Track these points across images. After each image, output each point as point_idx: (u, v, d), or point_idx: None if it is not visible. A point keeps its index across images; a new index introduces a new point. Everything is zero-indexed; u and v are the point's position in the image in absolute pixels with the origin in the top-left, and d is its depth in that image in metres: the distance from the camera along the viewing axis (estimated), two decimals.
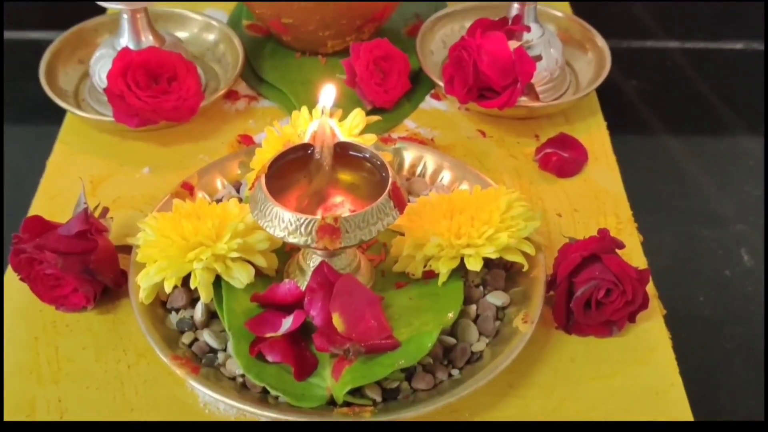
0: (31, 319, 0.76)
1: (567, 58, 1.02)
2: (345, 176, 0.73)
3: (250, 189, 0.73)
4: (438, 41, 1.05)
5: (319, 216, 0.66)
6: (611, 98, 1.02)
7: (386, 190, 0.68)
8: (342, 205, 0.71)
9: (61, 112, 0.96)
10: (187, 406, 0.70)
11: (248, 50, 1.02)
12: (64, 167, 0.91)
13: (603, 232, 0.75)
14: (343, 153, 0.73)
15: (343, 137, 0.73)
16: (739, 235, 1.10)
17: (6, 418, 0.69)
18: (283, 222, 0.67)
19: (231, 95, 0.99)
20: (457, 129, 0.96)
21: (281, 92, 0.98)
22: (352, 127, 0.80)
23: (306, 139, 0.73)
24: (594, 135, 0.96)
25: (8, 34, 1.36)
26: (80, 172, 0.88)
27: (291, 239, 0.67)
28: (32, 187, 0.89)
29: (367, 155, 0.72)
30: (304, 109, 0.81)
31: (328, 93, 0.74)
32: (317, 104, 0.76)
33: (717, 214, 1.13)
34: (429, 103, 1.00)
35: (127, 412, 0.69)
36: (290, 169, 0.72)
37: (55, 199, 0.87)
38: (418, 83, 1.01)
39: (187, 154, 0.92)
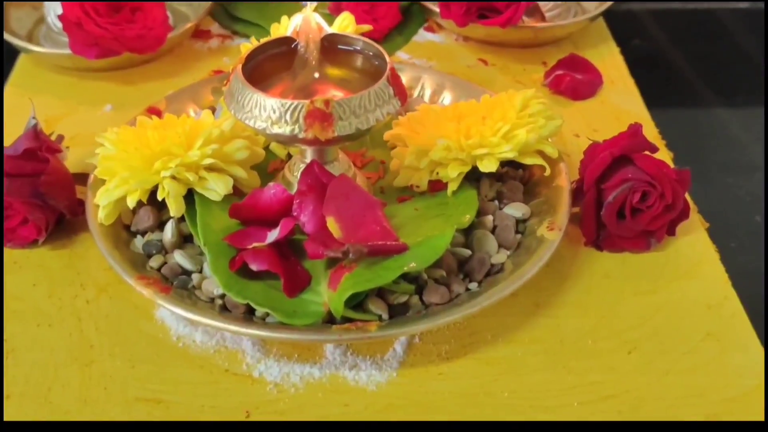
0: None
1: None
2: (334, 71, 0.63)
3: (225, 86, 0.63)
4: None
5: (307, 101, 0.56)
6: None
7: (384, 75, 0.58)
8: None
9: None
10: (157, 340, 0.59)
11: None
12: (15, 110, 0.80)
13: (635, 127, 0.65)
14: (331, 47, 0.63)
15: (330, 30, 0.63)
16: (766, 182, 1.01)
17: None
18: (266, 110, 0.57)
19: (203, 34, 0.89)
20: (456, 59, 0.87)
21: (259, 27, 0.88)
22: (341, 29, 0.70)
23: (288, 34, 0.63)
24: (607, 60, 0.86)
25: None
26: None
27: (275, 130, 0.57)
28: None
29: (359, 47, 0.63)
30: (284, 18, 0.72)
31: None
32: None
33: (741, 162, 1.04)
34: (422, 35, 0.91)
35: (86, 349, 0.58)
36: (271, 68, 0.63)
37: (6, 139, 0.76)
38: (409, 17, 0.91)
39: (154, 92, 0.82)
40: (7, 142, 0.69)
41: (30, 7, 0.91)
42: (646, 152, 0.65)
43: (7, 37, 0.83)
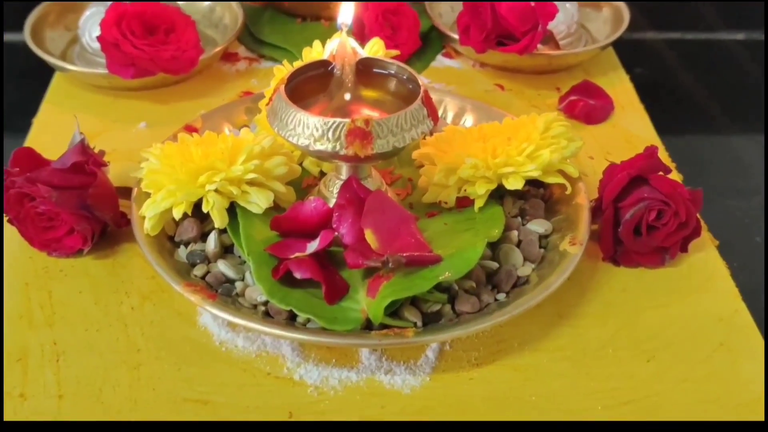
0: (19, 265, 0.68)
1: (581, 20, 0.97)
2: (369, 93, 0.67)
3: (267, 104, 0.67)
4: (446, 6, 1.00)
5: (348, 119, 0.60)
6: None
7: (419, 97, 0.62)
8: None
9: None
10: (200, 345, 0.62)
11: (246, 18, 0.97)
12: (51, 125, 0.84)
13: (650, 150, 0.69)
14: (366, 71, 0.67)
15: (365, 54, 0.67)
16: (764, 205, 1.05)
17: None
18: (308, 128, 0.60)
19: (230, 57, 0.93)
20: (473, 84, 0.91)
21: (285, 50, 0.92)
22: (372, 54, 0.74)
23: (325, 57, 0.67)
24: (617, 87, 0.90)
25: None
26: (71, 129, 0.80)
27: (317, 146, 0.60)
28: None
29: (393, 71, 0.66)
30: (317, 43, 0.75)
31: (347, 9, 0.68)
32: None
33: (740, 185, 1.08)
34: (440, 61, 0.94)
35: (133, 352, 0.61)
36: (309, 89, 0.66)
37: (44, 153, 0.79)
38: (427, 44, 0.95)
39: (186, 111, 0.85)
40: (48, 153, 0.72)
41: (63, 28, 0.94)
42: (661, 173, 0.69)
43: (43, 55, 0.87)
